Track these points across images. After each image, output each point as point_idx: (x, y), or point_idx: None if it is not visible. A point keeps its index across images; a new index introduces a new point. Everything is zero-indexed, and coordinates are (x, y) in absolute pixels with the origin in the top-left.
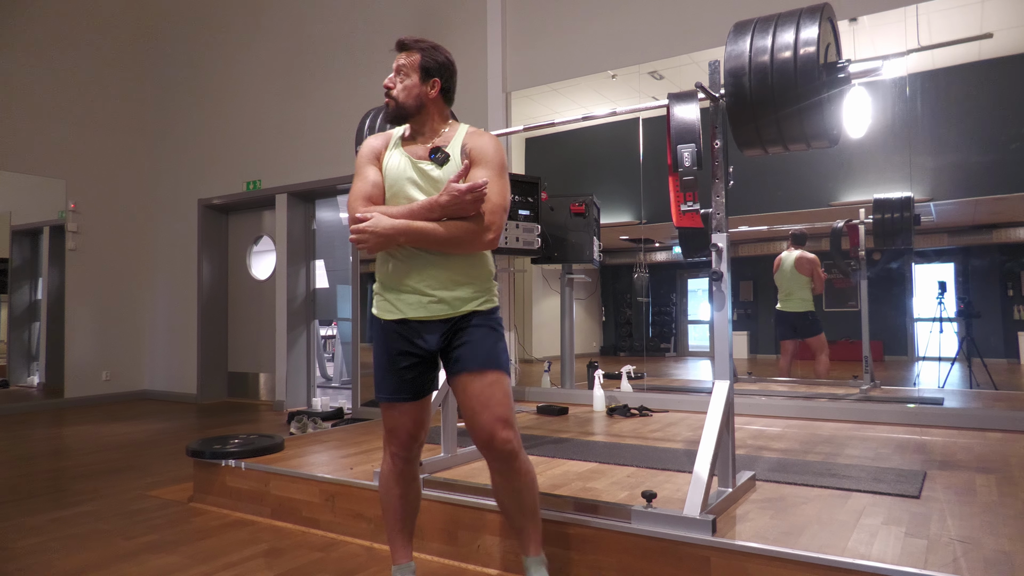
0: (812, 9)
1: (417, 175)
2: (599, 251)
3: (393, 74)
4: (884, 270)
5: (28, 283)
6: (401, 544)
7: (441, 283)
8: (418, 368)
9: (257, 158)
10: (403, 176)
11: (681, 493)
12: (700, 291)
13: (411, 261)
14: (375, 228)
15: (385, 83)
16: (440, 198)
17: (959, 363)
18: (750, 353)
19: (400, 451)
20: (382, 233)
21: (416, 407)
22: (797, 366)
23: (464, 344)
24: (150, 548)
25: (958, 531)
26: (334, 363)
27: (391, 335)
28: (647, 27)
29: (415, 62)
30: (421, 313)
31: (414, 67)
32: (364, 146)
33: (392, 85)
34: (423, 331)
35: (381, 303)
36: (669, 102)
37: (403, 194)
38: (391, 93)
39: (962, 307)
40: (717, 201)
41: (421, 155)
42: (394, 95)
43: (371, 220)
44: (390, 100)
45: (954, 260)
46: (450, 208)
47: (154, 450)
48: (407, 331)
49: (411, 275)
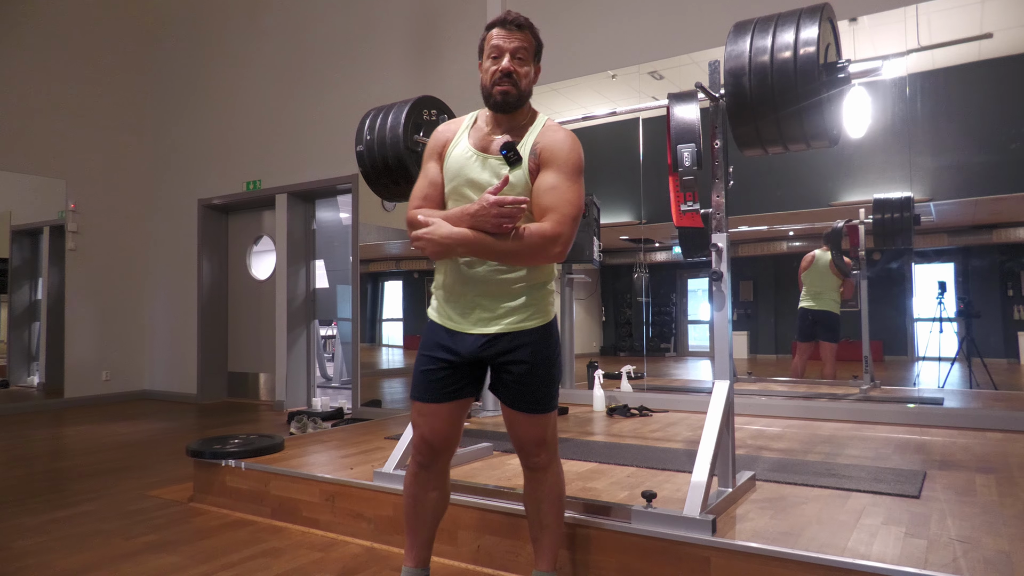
0: (812, 9)
1: (482, 172)
2: (599, 251)
3: (508, 58)
4: (884, 270)
5: (28, 283)
6: (410, 544)
7: (493, 297)
8: (448, 373)
9: (257, 158)
10: (465, 172)
11: (681, 493)
12: (700, 291)
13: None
14: (432, 236)
15: (505, 65)
16: (470, 207)
17: (959, 363)
18: (750, 353)
19: (417, 454)
20: (439, 242)
21: (439, 412)
22: (810, 367)
23: (517, 380)
24: (150, 548)
25: (958, 531)
26: (334, 363)
27: (434, 333)
28: (647, 27)
29: (531, 45)
30: (468, 327)
31: (530, 51)
32: (433, 135)
33: (514, 69)
34: (466, 340)
35: (434, 303)
36: (669, 102)
37: (460, 193)
38: (515, 79)
39: (962, 307)
40: (717, 201)
41: (492, 149)
42: (517, 80)
43: (431, 227)
44: (511, 88)
45: (954, 260)
46: (478, 219)
47: (154, 450)
48: (447, 337)
49: (463, 283)
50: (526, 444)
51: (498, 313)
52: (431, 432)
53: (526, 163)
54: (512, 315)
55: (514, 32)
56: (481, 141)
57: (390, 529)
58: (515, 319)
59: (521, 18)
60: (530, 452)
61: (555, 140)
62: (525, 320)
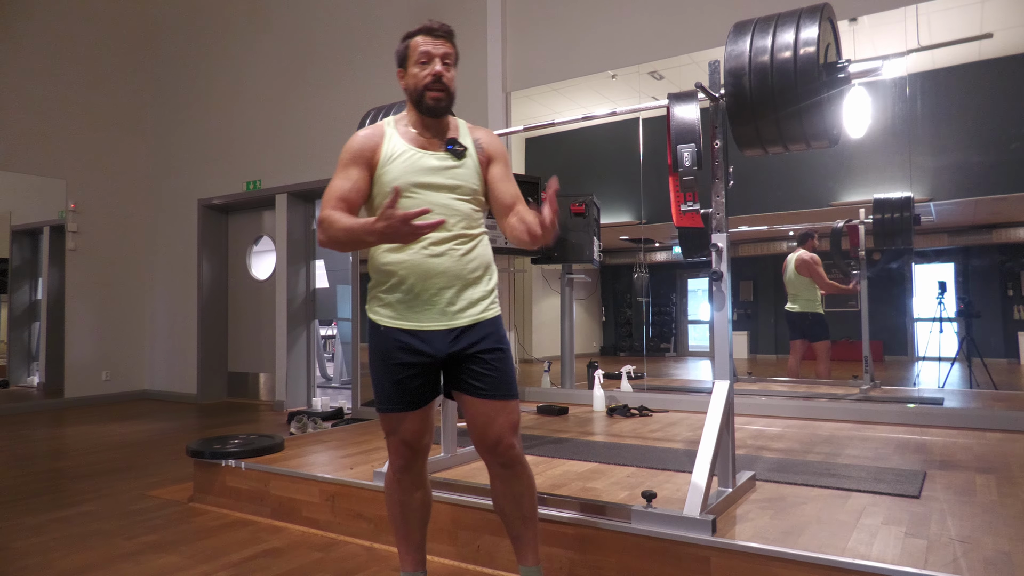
0: (812, 9)
1: (432, 166)
2: (599, 251)
3: (439, 63)
4: (884, 270)
5: (28, 283)
6: (405, 551)
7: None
8: (424, 378)
9: (257, 158)
10: (415, 168)
11: (681, 493)
12: (700, 291)
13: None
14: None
15: (437, 70)
16: (376, 224)
17: (959, 363)
18: (750, 353)
19: (397, 458)
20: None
21: (417, 416)
22: (805, 366)
23: (493, 368)
24: (150, 548)
25: (958, 531)
26: (334, 363)
27: (389, 339)
28: (647, 27)
29: (455, 53)
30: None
31: (454, 58)
32: (352, 140)
33: (445, 71)
34: (433, 339)
35: (381, 307)
36: (669, 102)
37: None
38: (446, 83)
39: (962, 307)
40: (717, 201)
41: (433, 147)
42: (448, 84)
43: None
44: (443, 93)
45: (954, 260)
46: (386, 235)
47: (154, 450)
48: (410, 338)
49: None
50: (504, 434)
51: (462, 305)
52: (411, 435)
53: (475, 155)
54: (476, 305)
55: (440, 38)
56: (417, 140)
57: (390, 529)
58: (479, 308)
59: (446, 26)
60: (506, 443)
61: (493, 139)
62: (487, 309)
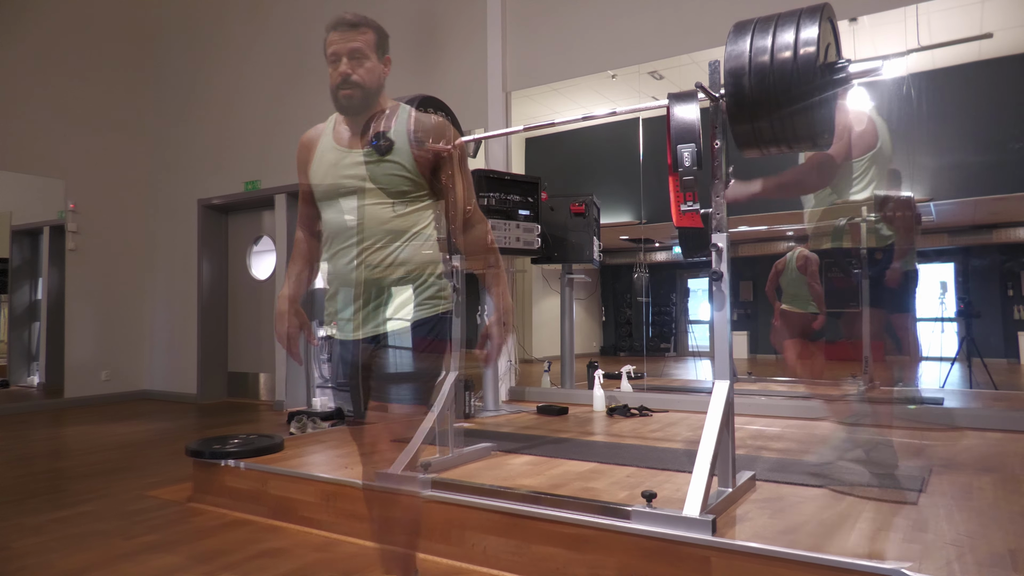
0: (812, 9)
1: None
2: (599, 251)
3: (345, 60)
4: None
5: (28, 283)
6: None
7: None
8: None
9: (256, 158)
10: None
11: (681, 493)
12: (700, 291)
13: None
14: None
15: (342, 70)
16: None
17: (959, 363)
18: (750, 353)
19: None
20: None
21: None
22: (804, 366)
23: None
24: (150, 548)
25: (958, 531)
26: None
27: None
28: (647, 27)
29: (370, 40)
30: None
31: (370, 46)
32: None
33: (351, 71)
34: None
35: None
36: (669, 102)
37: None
38: (353, 80)
39: (962, 307)
40: (717, 201)
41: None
42: (358, 82)
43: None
44: (354, 91)
45: (954, 260)
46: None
47: (154, 450)
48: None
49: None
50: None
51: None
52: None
53: (404, 147)
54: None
55: (347, 32)
56: (343, 138)
57: None
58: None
59: (355, 16)
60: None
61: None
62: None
